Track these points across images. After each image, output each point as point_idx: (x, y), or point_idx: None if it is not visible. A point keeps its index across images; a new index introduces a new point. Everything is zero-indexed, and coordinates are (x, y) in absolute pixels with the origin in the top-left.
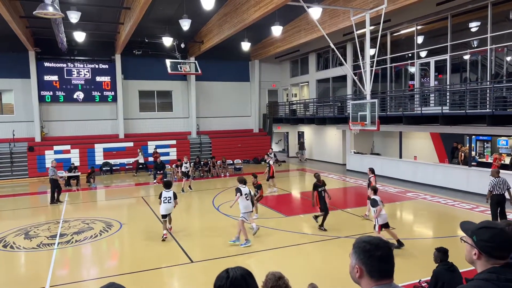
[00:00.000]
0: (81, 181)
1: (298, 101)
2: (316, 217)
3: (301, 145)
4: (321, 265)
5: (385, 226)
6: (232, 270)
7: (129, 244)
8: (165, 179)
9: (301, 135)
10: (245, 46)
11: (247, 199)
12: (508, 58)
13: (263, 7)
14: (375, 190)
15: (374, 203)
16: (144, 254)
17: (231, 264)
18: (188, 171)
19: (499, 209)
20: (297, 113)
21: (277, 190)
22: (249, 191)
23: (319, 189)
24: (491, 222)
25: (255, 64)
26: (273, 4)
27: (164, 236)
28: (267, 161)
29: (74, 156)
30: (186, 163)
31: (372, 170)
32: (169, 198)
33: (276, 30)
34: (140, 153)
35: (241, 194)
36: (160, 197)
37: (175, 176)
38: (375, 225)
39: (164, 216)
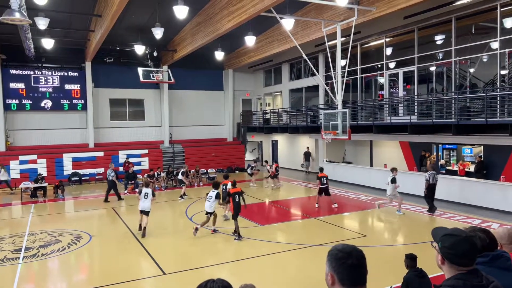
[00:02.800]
0: (48, 192)
1: (271, 110)
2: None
3: (306, 156)
4: (296, 273)
5: None
6: (211, 282)
7: (99, 257)
8: (213, 181)
9: (304, 146)
10: (219, 55)
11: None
12: (471, 70)
13: (237, 17)
14: None
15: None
16: (114, 267)
17: (204, 276)
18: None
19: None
20: (270, 122)
21: (281, 183)
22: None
23: (234, 195)
24: (457, 230)
25: (229, 73)
26: (246, 14)
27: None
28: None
29: (41, 166)
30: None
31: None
32: (209, 197)
33: (250, 40)
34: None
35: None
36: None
37: (156, 185)
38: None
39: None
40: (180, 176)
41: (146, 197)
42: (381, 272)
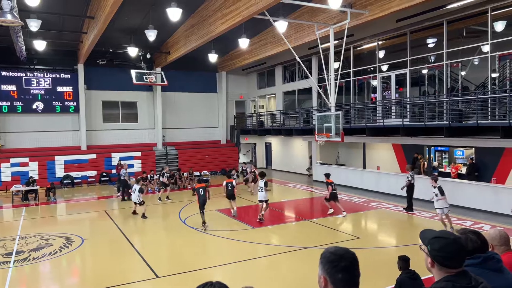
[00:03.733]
0: (40, 195)
1: (265, 113)
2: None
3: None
4: (290, 276)
5: None
6: (209, 285)
7: (91, 260)
8: (261, 171)
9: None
10: (213, 57)
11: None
12: (463, 73)
13: (230, 19)
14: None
15: None
16: (106, 270)
17: (198, 279)
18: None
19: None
20: (264, 125)
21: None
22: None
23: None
24: (445, 233)
25: (222, 75)
26: (240, 17)
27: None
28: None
29: (33, 169)
30: (167, 172)
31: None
32: (261, 188)
33: (243, 43)
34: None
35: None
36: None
37: (149, 188)
38: None
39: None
40: (161, 178)
41: (133, 192)
42: (374, 274)
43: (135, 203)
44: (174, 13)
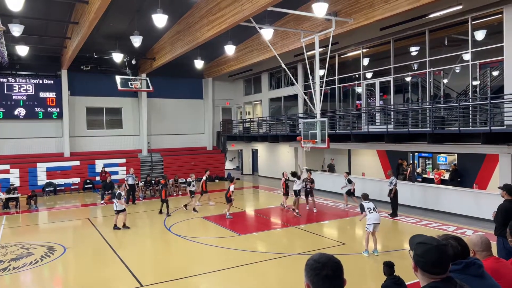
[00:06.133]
0: (21, 203)
1: (251, 119)
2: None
3: (331, 169)
4: (276, 283)
5: None
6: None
7: (73, 270)
8: (292, 171)
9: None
10: (199, 64)
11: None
12: (445, 81)
13: (216, 26)
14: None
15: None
16: (89, 280)
17: (183, 287)
18: (195, 189)
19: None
20: (250, 131)
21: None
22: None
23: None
24: (429, 238)
25: (208, 82)
26: (225, 24)
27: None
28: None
29: (14, 177)
30: (193, 180)
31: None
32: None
33: (229, 49)
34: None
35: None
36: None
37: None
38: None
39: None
40: (189, 188)
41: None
42: (359, 279)
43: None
44: (159, 19)
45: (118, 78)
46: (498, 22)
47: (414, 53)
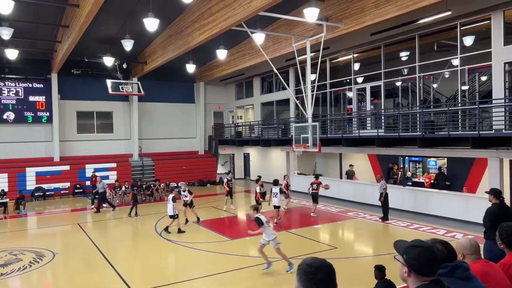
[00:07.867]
0: (9, 208)
1: (243, 123)
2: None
3: (349, 176)
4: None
5: None
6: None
7: (62, 275)
8: (275, 179)
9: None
10: (190, 68)
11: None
12: (435, 85)
13: (208, 30)
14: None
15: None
16: (78, 286)
17: None
18: (187, 200)
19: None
20: (242, 135)
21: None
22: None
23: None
24: (420, 241)
25: (200, 86)
26: (217, 28)
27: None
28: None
29: (2, 181)
30: (184, 191)
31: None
32: (275, 194)
33: (221, 54)
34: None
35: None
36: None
37: (117, 201)
38: None
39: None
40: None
41: (168, 202)
42: (351, 283)
43: (172, 216)
44: (151, 23)
45: (109, 82)
46: (486, 28)
47: (404, 58)
